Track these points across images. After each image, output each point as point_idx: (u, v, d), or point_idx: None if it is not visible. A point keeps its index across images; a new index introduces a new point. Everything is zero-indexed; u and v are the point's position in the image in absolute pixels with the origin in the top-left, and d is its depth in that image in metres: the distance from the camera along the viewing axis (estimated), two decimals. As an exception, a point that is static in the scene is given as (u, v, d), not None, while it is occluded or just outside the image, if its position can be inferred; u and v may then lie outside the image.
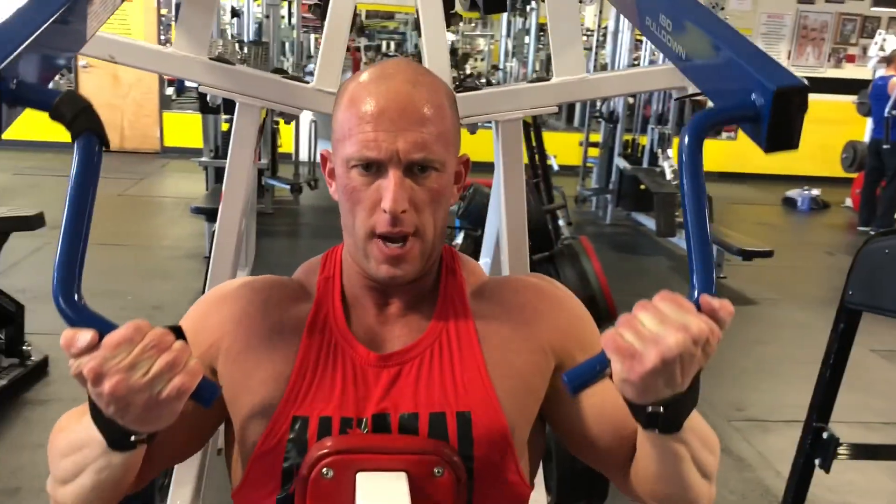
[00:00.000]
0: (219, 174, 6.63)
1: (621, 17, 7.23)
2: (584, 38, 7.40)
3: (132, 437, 0.76)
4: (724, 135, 10.78)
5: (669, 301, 0.73)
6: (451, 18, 1.32)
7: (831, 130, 9.46)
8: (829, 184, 8.85)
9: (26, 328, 3.48)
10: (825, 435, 2.48)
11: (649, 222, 6.60)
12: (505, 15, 9.85)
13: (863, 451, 2.61)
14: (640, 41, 7.62)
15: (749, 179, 9.89)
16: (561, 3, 1.30)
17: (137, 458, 0.83)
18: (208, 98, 1.30)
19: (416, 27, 1.29)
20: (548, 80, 1.32)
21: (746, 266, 5.79)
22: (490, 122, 1.39)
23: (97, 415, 0.75)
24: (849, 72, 9.85)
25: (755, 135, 0.81)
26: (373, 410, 0.88)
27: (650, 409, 0.76)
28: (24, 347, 3.40)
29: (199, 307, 0.98)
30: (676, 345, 0.70)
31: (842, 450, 2.47)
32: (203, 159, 6.48)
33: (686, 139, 0.79)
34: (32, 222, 3.70)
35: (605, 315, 3.77)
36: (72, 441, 0.83)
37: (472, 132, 1.36)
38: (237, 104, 1.30)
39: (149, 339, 0.70)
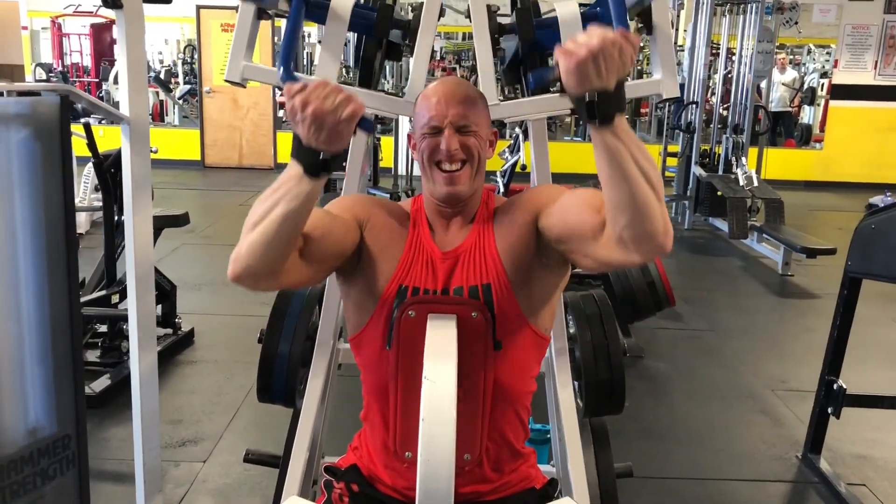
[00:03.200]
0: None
1: (698, 35, 7.64)
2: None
3: (321, 156, 1.18)
4: (818, 144, 10.95)
5: (596, 27, 1.08)
6: (496, 50, 1.90)
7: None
8: (916, 190, 8.92)
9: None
10: (835, 386, 2.96)
11: (725, 226, 6.96)
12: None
13: (866, 401, 3.05)
14: (716, 55, 7.98)
15: (834, 187, 10.04)
16: (571, 31, 1.84)
17: (313, 199, 1.22)
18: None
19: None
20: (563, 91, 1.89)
21: (815, 265, 6.12)
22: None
23: (298, 146, 1.19)
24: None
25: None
26: (441, 287, 1.47)
27: (587, 97, 1.09)
28: (176, 320, 4.18)
29: (353, 196, 1.54)
30: (598, 43, 1.05)
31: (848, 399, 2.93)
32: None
33: None
34: (181, 220, 4.50)
35: (663, 298, 4.25)
36: (270, 191, 1.24)
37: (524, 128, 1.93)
38: (356, 112, 1.95)
39: (333, 86, 1.16)
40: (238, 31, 1.84)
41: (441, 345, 1.30)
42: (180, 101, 11.79)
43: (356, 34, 1.99)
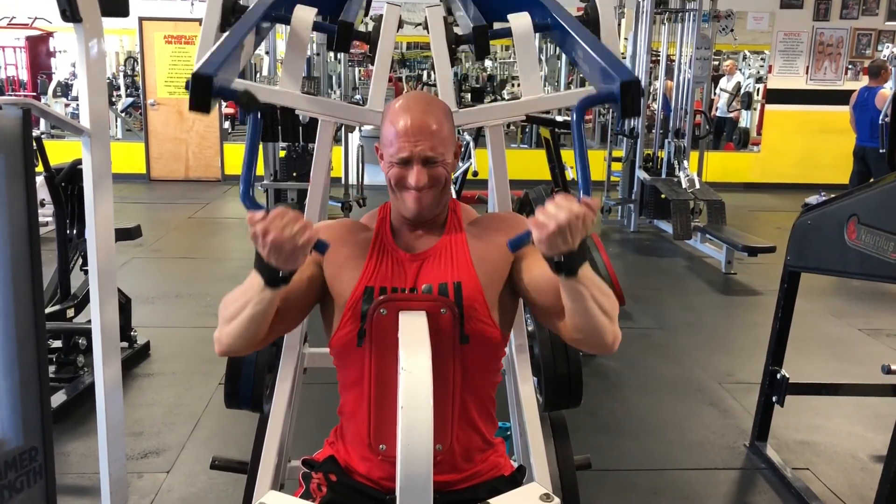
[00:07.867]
0: (278, 195, 7.41)
1: (638, 43, 7.86)
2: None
3: (280, 274, 1.34)
4: (755, 147, 11.31)
5: (563, 197, 1.30)
6: (454, 59, 1.98)
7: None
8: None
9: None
10: (778, 376, 3.10)
11: (669, 228, 7.17)
12: (537, 43, 10.54)
13: (807, 389, 3.21)
14: (656, 63, 8.22)
15: (772, 188, 10.39)
16: (524, 42, 1.93)
17: (275, 301, 1.41)
18: (301, 116, 1.98)
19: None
20: (518, 98, 1.99)
21: (756, 263, 6.34)
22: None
23: (260, 264, 1.34)
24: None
25: (616, 110, 1.35)
26: (409, 285, 1.54)
27: (556, 259, 1.29)
28: (131, 333, 4.16)
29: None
30: (565, 219, 1.22)
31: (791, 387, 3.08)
32: (265, 182, 7.26)
33: (575, 114, 1.37)
34: (133, 233, 4.46)
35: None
36: (239, 293, 1.42)
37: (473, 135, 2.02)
38: (320, 120, 2.00)
39: (291, 214, 1.31)
40: (201, 44, 1.88)
41: (415, 337, 1.37)
42: (123, 114, 11.62)
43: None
